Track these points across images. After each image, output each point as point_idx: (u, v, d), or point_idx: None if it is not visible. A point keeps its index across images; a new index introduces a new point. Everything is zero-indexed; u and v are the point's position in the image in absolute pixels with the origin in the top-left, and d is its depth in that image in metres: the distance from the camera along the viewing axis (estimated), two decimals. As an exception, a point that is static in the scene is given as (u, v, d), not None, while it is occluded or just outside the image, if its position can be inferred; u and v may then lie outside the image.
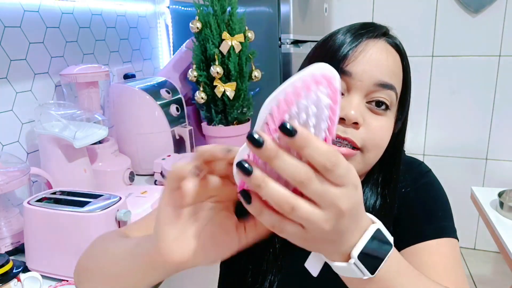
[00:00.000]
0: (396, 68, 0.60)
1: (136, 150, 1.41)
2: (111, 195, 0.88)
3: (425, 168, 0.72)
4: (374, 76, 0.57)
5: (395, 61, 0.60)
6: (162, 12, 1.84)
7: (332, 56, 0.58)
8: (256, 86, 1.62)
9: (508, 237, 1.22)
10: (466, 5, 2.25)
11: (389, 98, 0.58)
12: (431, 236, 0.62)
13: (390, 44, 0.61)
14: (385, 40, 0.61)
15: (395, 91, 0.58)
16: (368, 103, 0.58)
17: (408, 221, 0.65)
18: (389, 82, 0.57)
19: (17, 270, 0.76)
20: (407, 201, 0.67)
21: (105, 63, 1.51)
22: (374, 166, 0.63)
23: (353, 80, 0.57)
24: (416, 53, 2.41)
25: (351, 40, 0.59)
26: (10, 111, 1.12)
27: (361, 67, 0.57)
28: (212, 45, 1.39)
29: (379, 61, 0.58)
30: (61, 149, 1.07)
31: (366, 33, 0.60)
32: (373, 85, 0.57)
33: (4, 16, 1.09)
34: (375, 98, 0.57)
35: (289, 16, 1.62)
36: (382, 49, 0.59)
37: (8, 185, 0.90)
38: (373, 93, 0.57)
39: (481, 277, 2.36)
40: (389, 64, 0.58)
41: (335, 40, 0.60)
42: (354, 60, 0.57)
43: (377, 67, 0.57)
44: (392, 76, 0.58)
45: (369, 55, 0.58)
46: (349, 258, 0.38)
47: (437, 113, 2.48)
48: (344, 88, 0.58)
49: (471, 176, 2.48)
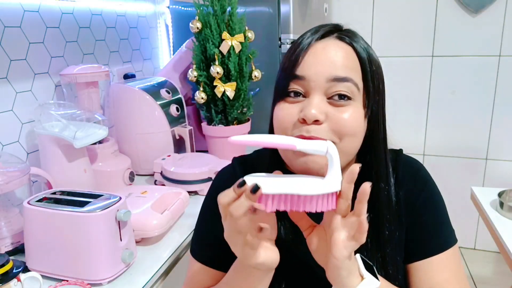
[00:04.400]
0: (349, 61, 0.62)
1: (136, 150, 1.41)
2: (111, 195, 0.88)
3: (425, 174, 0.73)
4: (326, 73, 0.60)
5: (347, 54, 0.62)
6: (162, 12, 1.84)
7: (288, 64, 0.63)
8: (256, 86, 1.62)
9: (508, 237, 1.22)
10: (466, 5, 2.25)
11: (348, 90, 0.60)
12: (440, 249, 0.68)
13: (341, 40, 0.63)
14: (335, 37, 0.64)
15: (353, 82, 0.61)
16: (329, 98, 0.60)
17: (419, 234, 0.69)
18: (342, 76, 0.60)
19: (17, 270, 0.76)
20: (414, 212, 0.70)
21: (105, 63, 1.51)
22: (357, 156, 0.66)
23: (307, 82, 0.60)
24: (416, 53, 2.41)
25: (303, 44, 0.62)
26: (10, 111, 1.12)
27: (310, 69, 0.60)
28: (212, 45, 1.39)
29: (329, 58, 0.61)
30: (61, 149, 1.07)
31: (314, 34, 0.63)
32: (326, 82, 0.60)
33: (4, 16, 1.09)
34: (335, 93, 0.60)
35: (289, 16, 1.62)
36: (330, 46, 0.62)
37: (8, 185, 0.90)
38: (330, 88, 0.60)
39: (481, 277, 2.36)
40: (338, 59, 0.61)
41: (292, 48, 0.64)
42: (303, 63, 0.61)
43: (326, 64, 0.60)
44: (344, 69, 0.60)
45: (317, 55, 0.61)
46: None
47: (437, 113, 2.48)
48: (304, 91, 0.61)
49: (471, 176, 2.48)
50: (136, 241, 0.96)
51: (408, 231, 0.69)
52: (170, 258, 0.94)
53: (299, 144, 0.51)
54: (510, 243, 1.19)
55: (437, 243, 0.68)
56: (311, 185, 0.51)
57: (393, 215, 0.67)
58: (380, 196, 0.66)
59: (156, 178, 1.31)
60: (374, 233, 0.66)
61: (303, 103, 0.61)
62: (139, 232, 0.96)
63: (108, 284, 0.84)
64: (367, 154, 0.66)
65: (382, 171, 0.67)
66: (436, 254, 0.67)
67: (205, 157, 1.35)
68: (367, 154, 0.66)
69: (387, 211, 0.67)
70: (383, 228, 0.66)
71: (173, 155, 1.36)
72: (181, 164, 1.28)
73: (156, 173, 1.30)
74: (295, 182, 0.52)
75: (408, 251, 0.69)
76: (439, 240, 0.69)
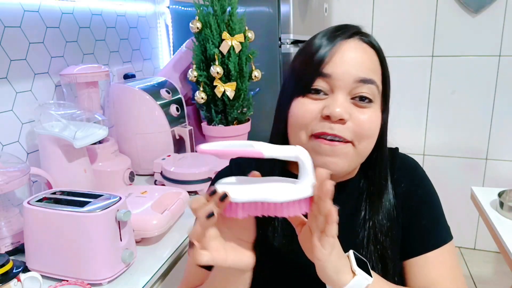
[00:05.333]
0: (372, 64, 0.63)
1: (136, 150, 1.41)
2: (111, 195, 0.88)
3: (421, 171, 0.74)
4: (353, 74, 0.61)
5: (371, 57, 0.64)
6: (162, 12, 1.84)
7: (310, 61, 0.62)
8: (256, 86, 1.62)
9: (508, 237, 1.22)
10: (466, 5, 2.25)
11: (370, 92, 0.62)
12: (436, 245, 0.68)
13: (364, 42, 0.64)
14: (358, 38, 0.64)
15: (375, 84, 0.62)
16: (352, 98, 0.62)
17: (415, 231, 0.70)
18: (368, 77, 0.61)
19: (17, 270, 0.76)
20: (411, 209, 0.70)
21: (105, 63, 1.51)
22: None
23: (333, 80, 0.61)
24: (416, 53, 2.41)
25: (326, 43, 0.63)
26: (10, 111, 1.12)
27: (338, 68, 0.61)
28: (212, 45, 1.39)
29: (355, 59, 0.62)
30: (61, 149, 1.07)
31: (339, 35, 0.63)
32: (353, 82, 0.61)
33: (4, 16, 1.09)
34: (358, 94, 0.61)
35: (289, 16, 1.62)
36: (357, 48, 0.63)
37: (8, 185, 0.90)
38: (355, 89, 0.61)
39: (481, 277, 2.36)
40: (364, 61, 0.62)
41: (313, 45, 0.64)
42: (331, 62, 0.61)
43: (354, 65, 0.61)
44: (369, 72, 0.62)
45: (345, 55, 0.62)
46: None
47: (437, 113, 2.48)
48: (327, 89, 0.62)
49: (471, 176, 2.48)
50: (136, 241, 0.96)
51: (404, 228, 0.70)
52: (170, 258, 0.94)
53: (267, 151, 0.51)
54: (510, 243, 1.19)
55: (433, 240, 0.69)
56: (282, 191, 0.51)
57: (391, 212, 0.68)
58: (385, 195, 0.68)
59: (156, 178, 1.31)
60: (373, 232, 0.67)
61: (326, 101, 0.61)
62: (139, 232, 0.96)
63: (108, 284, 0.84)
64: (373, 154, 0.67)
65: (386, 170, 0.69)
66: (432, 250, 0.68)
67: (205, 157, 1.35)
68: (373, 153, 0.67)
69: (386, 209, 0.68)
70: (382, 227, 0.67)
71: (173, 155, 1.36)
72: (181, 164, 1.28)
73: (156, 173, 1.30)
74: (267, 188, 0.52)
75: (405, 248, 0.69)
76: (436, 236, 0.69)
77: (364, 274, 0.55)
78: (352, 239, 0.67)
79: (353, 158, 0.63)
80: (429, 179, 0.74)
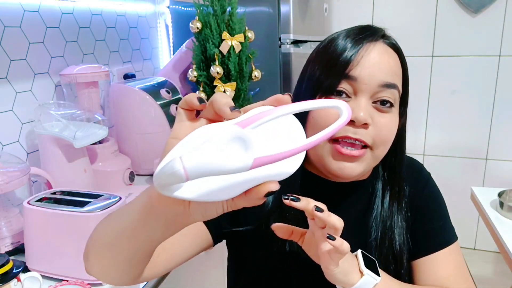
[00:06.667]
0: (397, 68, 0.63)
1: (136, 150, 1.41)
2: (111, 195, 0.88)
3: (426, 173, 0.76)
4: (378, 78, 0.60)
5: (395, 61, 0.63)
6: (162, 12, 1.84)
7: (335, 62, 0.62)
8: (256, 86, 1.62)
9: (508, 237, 1.22)
10: (466, 5, 2.25)
11: (392, 96, 0.62)
12: (444, 244, 0.70)
13: (388, 45, 0.64)
14: (383, 42, 0.64)
15: (398, 89, 0.62)
16: (374, 102, 0.61)
17: (423, 231, 0.71)
18: (392, 82, 0.61)
19: (17, 270, 0.76)
20: (417, 210, 0.71)
21: (105, 63, 1.51)
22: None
23: (358, 83, 0.60)
24: (416, 53, 2.41)
25: (352, 45, 0.62)
26: (10, 111, 1.12)
27: (365, 71, 0.60)
28: (212, 45, 1.39)
29: (381, 63, 0.61)
30: (61, 149, 1.07)
31: (365, 37, 0.63)
32: (377, 87, 0.60)
33: (4, 16, 1.09)
34: (380, 98, 0.61)
35: (289, 16, 1.62)
36: (382, 51, 0.62)
37: (8, 185, 0.90)
38: (378, 93, 0.61)
39: (481, 277, 2.36)
40: (390, 65, 0.62)
41: (337, 46, 0.63)
42: (357, 65, 0.61)
43: (380, 69, 0.61)
44: (393, 76, 0.62)
45: (371, 58, 0.61)
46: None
47: (437, 113, 2.48)
48: (350, 91, 0.61)
49: (471, 176, 2.48)
50: (136, 241, 0.95)
51: (412, 229, 0.70)
52: (170, 258, 0.94)
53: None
54: (510, 243, 1.19)
55: (440, 239, 0.70)
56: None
57: (406, 214, 0.70)
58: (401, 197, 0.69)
59: (156, 178, 1.31)
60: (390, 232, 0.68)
61: (349, 104, 0.60)
62: (139, 232, 0.96)
63: (108, 284, 0.83)
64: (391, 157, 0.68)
65: (404, 173, 0.69)
66: (440, 249, 0.69)
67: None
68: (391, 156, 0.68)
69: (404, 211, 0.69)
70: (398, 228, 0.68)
71: (173, 155, 1.36)
72: (181, 164, 1.28)
73: (156, 173, 1.30)
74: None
75: (413, 248, 0.70)
76: (443, 236, 0.70)
77: (372, 274, 0.55)
78: (363, 239, 0.68)
79: (369, 163, 0.63)
80: (433, 179, 0.75)
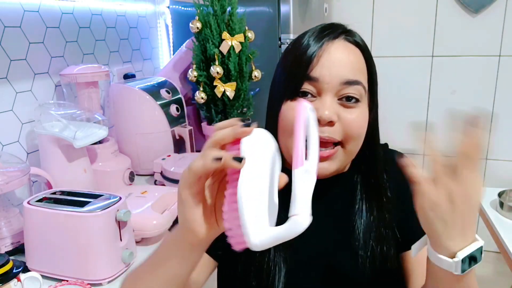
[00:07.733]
0: (359, 64, 0.64)
1: (136, 150, 1.41)
2: (111, 195, 0.88)
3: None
4: (339, 76, 0.61)
5: (356, 57, 0.64)
6: (162, 12, 1.84)
7: (298, 64, 0.63)
8: (256, 86, 1.62)
9: (508, 237, 1.22)
10: (466, 5, 2.25)
11: (357, 92, 0.62)
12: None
13: (349, 42, 0.65)
14: (344, 38, 0.64)
15: (362, 85, 0.63)
16: (339, 99, 0.62)
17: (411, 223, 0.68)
18: (354, 79, 0.62)
19: (17, 270, 0.76)
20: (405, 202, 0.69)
21: (105, 63, 1.51)
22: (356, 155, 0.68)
23: (320, 83, 0.62)
24: (416, 53, 2.41)
25: (313, 45, 0.63)
26: (10, 111, 1.12)
27: (325, 70, 0.61)
28: (212, 45, 1.39)
29: (341, 61, 0.62)
30: (61, 149, 1.07)
31: (325, 36, 0.63)
32: (339, 84, 0.61)
33: (4, 16, 1.09)
34: (345, 95, 0.62)
35: (289, 16, 1.62)
36: (342, 48, 0.63)
37: (8, 185, 0.90)
38: (341, 90, 0.62)
39: (481, 277, 2.35)
40: (351, 62, 0.63)
41: (299, 47, 0.64)
42: (317, 64, 0.62)
43: (340, 66, 0.62)
44: (355, 72, 0.63)
45: (331, 56, 0.62)
46: (453, 256, 0.51)
47: (437, 113, 2.47)
48: (314, 92, 0.62)
49: (471, 176, 2.47)
50: (136, 241, 0.96)
51: (400, 221, 0.70)
52: (170, 258, 0.94)
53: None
54: (510, 243, 1.19)
55: None
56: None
57: (389, 206, 0.70)
58: (382, 190, 0.69)
59: (156, 178, 1.31)
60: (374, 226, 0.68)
61: (314, 104, 0.61)
62: (139, 232, 0.96)
63: (108, 284, 0.84)
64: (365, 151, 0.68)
65: (382, 166, 0.70)
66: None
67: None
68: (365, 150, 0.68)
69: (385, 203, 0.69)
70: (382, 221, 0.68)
71: (173, 155, 1.36)
72: (181, 164, 1.28)
73: (156, 173, 1.30)
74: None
75: (402, 240, 0.70)
76: None
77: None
78: (348, 232, 0.68)
79: (342, 160, 0.64)
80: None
